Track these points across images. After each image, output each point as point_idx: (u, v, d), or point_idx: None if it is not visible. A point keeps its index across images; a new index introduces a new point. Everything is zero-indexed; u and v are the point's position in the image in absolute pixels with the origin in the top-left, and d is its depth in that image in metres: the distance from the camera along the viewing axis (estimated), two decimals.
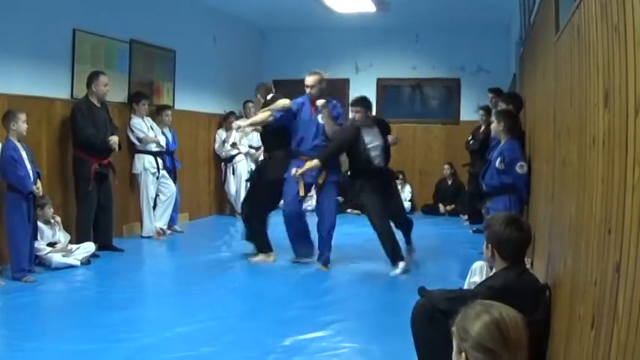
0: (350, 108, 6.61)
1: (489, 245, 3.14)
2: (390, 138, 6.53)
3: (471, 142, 9.36)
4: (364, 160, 6.48)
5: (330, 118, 6.61)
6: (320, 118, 6.64)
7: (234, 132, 10.06)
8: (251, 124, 7.05)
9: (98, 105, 6.98)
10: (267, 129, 6.97)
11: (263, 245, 6.93)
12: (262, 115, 6.81)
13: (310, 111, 6.70)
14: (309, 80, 6.68)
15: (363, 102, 6.50)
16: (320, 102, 6.59)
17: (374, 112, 11.55)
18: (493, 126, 5.62)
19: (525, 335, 1.95)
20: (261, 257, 6.87)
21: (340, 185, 6.93)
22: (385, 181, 6.65)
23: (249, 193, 7.31)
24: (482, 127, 8.90)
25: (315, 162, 6.38)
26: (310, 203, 9.24)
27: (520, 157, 5.21)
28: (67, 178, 6.98)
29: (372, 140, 6.48)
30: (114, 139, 6.99)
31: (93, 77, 6.94)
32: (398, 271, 6.30)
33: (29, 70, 6.48)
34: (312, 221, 6.84)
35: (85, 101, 6.90)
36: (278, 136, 6.84)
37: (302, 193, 6.62)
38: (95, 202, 6.93)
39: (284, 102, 6.81)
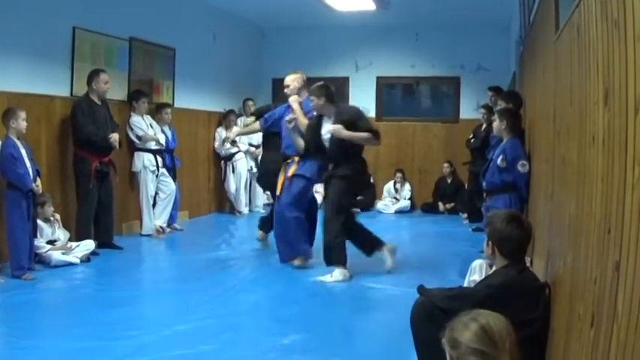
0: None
1: (490, 242, 3.13)
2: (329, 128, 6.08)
3: (472, 141, 9.36)
4: (319, 151, 6.27)
5: (302, 114, 6.47)
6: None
7: (234, 129, 10.10)
8: (239, 135, 7.86)
9: (99, 103, 7.00)
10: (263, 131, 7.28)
11: None
12: (252, 127, 7.46)
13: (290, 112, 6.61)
14: (286, 80, 6.70)
15: (316, 90, 6.13)
16: (291, 99, 6.57)
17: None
18: (495, 124, 5.61)
19: (513, 340, 2.10)
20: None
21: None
22: (332, 175, 6.15)
23: None
24: (484, 126, 8.90)
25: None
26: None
27: (522, 155, 5.21)
28: (67, 175, 6.98)
29: (326, 132, 6.18)
30: (114, 137, 7.01)
31: (93, 75, 6.95)
32: (328, 278, 5.97)
33: (29, 67, 6.48)
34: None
35: (85, 99, 6.91)
36: (269, 137, 7.09)
37: (278, 191, 6.57)
38: (96, 200, 6.94)
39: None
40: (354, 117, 6.11)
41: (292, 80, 6.66)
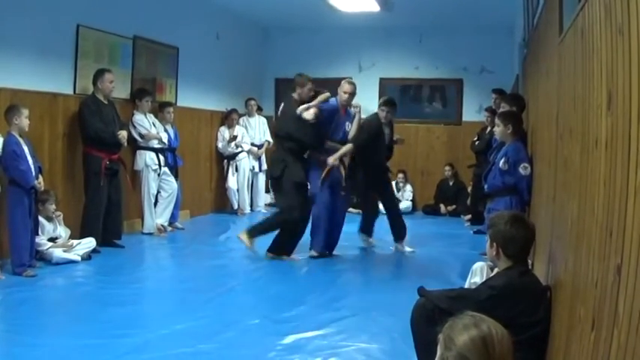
0: (381, 107, 7.28)
1: (494, 244, 3.12)
2: (395, 137, 7.11)
3: (476, 143, 9.35)
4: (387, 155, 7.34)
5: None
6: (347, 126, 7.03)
7: (236, 128, 10.12)
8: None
9: (105, 102, 7.05)
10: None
11: None
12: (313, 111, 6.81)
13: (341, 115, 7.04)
14: (352, 88, 6.99)
15: (392, 103, 7.34)
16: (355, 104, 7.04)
17: (373, 110, 11.74)
18: (499, 130, 5.54)
19: (511, 354, 1.93)
20: None
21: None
22: (381, 174, 7.37)
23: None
24: (488, 129, 8.87)
25: (349, 146, 6.93)
26: None
27: (524, 158, 5.21)
28: (69, 173, 7.00)
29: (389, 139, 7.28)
30: (123, 134, 7.10)
31: (98, 75, 7.01)
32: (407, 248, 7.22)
33: (33, 65, 6.49)
34: None
35: (92, 98, 6.99)
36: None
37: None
38: (105, 198, 6.99)
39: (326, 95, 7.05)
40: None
41: (355, 87, 7.05)
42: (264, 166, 10.62)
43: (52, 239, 6.33)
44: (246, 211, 10.47)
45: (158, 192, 8.22)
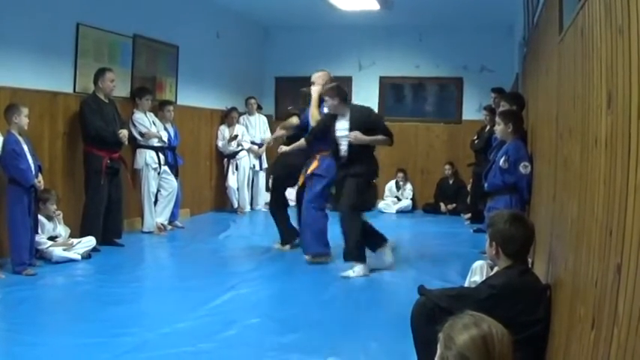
0: None
1: (494, 243, 3.12)
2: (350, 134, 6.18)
3: (476, 142, 9.35)
4: (333, 149, 6.43)
5: (317, 105, 6.82)
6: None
7: (236, 126, 10.14)
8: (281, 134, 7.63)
9: (106, 101, 7.06)
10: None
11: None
12: (290, 121, 7.43)
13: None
14: (313, 77, 6.98)
15: (330, 90, 6.35)
16: (313, 87, 6.91)
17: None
18: (500, 128, 5.54)
19: (511, 353, 1.94)
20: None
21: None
22: (347, 174, 6.26)
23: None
24: (488, 127, 8.88)
25: (300, 141, 6.72)
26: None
27: (525, 157, 5.21)
28: (69, 171, 7.00)
29: (339, 129, 6.32)
30: (124, 133, 7.11)
31: (99, 74, 7.02)
32: (351, 273, 6.11)
33: (33, 63, 6.49)
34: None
35: (92, 97, 6.99)
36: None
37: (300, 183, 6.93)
38: (106, 197, 6.99)
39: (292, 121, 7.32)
40: (370, 119, 6.38)
41: (318, 77, 6.99)
42: (265, 165, 10.67)
43: (52, 238, 6.33)
44: (246, 210, 10.48)
45: (158, 191, 8.23)
